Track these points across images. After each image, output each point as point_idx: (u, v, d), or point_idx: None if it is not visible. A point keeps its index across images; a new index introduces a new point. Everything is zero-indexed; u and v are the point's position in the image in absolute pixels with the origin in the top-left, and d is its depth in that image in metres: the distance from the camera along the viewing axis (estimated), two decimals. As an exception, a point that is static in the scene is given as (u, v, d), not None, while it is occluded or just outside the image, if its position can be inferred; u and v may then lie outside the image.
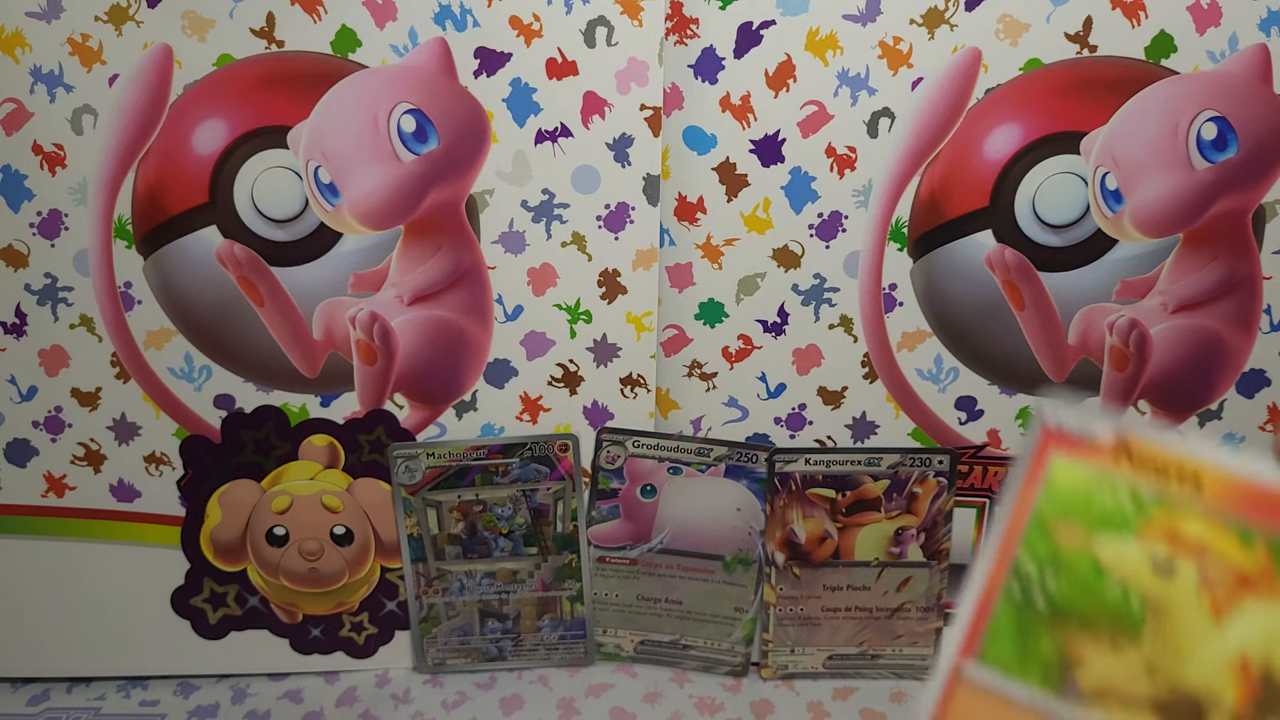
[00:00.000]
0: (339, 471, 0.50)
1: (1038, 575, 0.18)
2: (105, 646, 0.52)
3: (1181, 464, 0.17)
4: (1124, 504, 0.18)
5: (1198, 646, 0.17)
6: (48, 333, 0.48)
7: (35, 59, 0.44)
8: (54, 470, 0.49)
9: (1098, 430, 0.18)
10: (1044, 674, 0.17)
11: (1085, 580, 0.17)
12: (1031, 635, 0.17)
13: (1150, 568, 0.17)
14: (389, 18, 0.45)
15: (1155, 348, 0.49)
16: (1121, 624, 0.17)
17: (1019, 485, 0.18)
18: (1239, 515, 0.17)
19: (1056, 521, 0.18)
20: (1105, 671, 0.17)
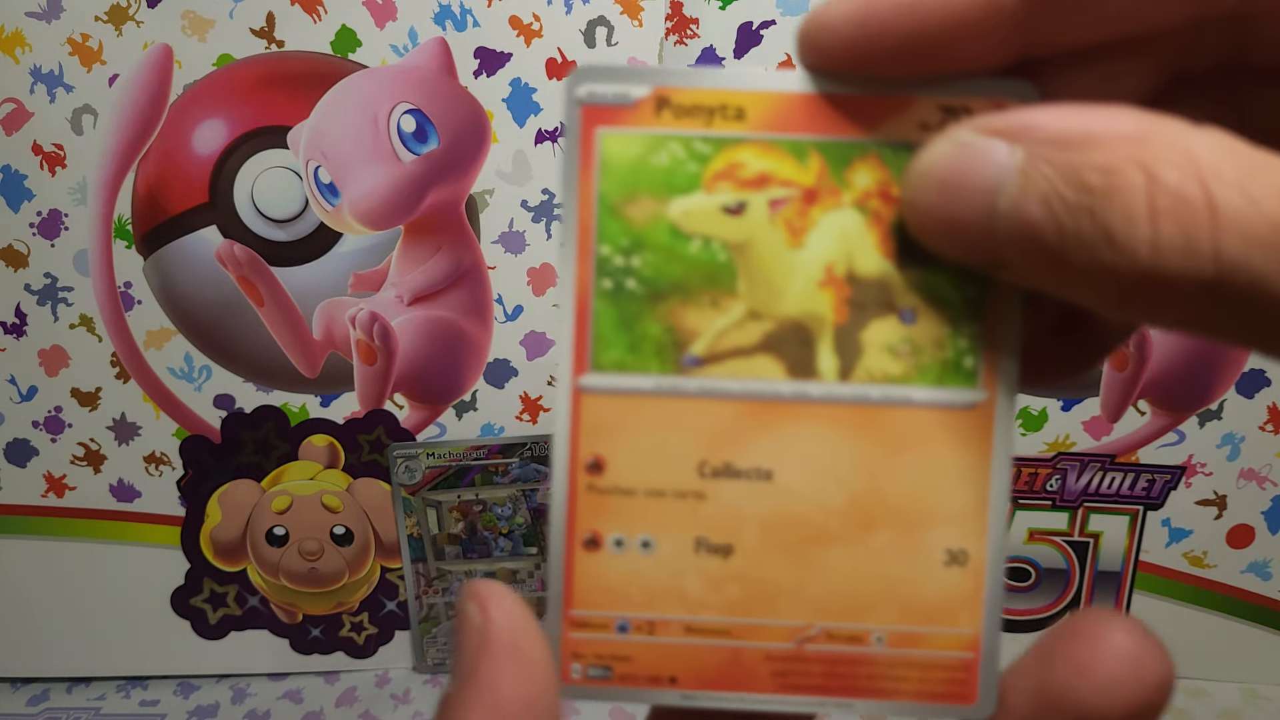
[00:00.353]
0: (339, 471, 0.50)
1: (623, 261, 0.17)
2: (105, 646, 0.51)
3: (722, 98, 0.17)
4: (680, 159, 0.17)
5: (787, 275, 0.17)
6: (48, 333, 0.48)
7: (35, 59, 0.44)
8: (54, 470, 0.49)
9: (632, 91, 0.17)
10: (659, 357, 0.18)
11: (668, 249, 0.17)
12: (636, 324, 0.17)
13: (722, 214, 0.17)
14: (389, 18, 0.45)
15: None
16: (714, 280, 0.18)
17: (575, 176, 0.17)
18: (787, 133, 0.17)
19: (623, 201, 0.17)
20: (713, 331, 0.17)
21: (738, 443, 0.18)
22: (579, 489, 0.18)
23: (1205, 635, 0.53)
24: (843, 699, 0.18)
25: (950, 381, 0.17)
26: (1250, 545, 0.52)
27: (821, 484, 0.18)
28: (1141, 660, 0.16)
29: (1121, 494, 0.51)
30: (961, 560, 0.18)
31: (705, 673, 0.18)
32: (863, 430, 0.17)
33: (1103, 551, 0.52)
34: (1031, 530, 0.52)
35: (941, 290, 0.17)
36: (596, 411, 0.18)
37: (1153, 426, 0.50)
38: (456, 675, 0.16)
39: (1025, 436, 0.50)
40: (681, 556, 0.18)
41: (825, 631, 0.18)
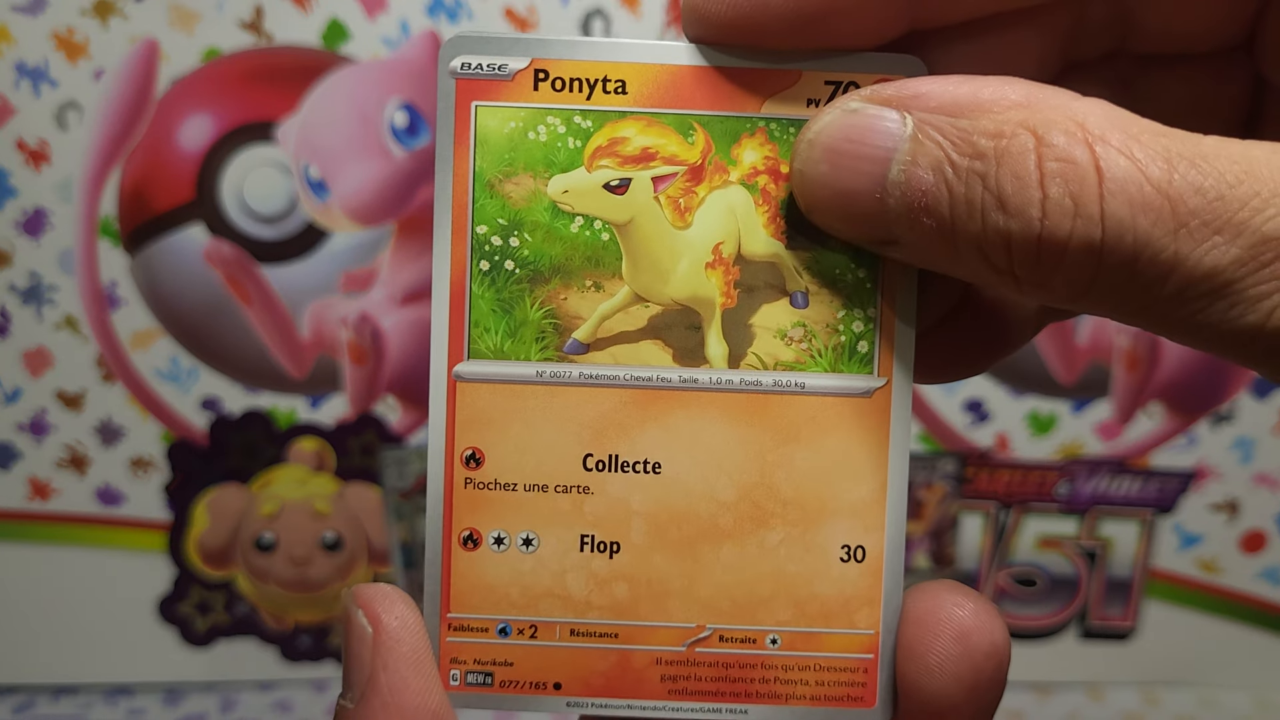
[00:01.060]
0: (329, 476, 0.49)
1: (500, 241, 0.17)
2: (91, 654, 0.51)
3: (604, 70, 0.16)
4: (560, 134, 0.16)
5: (673, 257, 0.17)
6: (32, 333, 0.47)
7: (19, 54, 0.44)
8: (38, 474, 0.49)
9: (509, 62, 0.16)
10: (539, 342, 0.17)
11: (548, 228, 0.17)
12: (515, 308, 0.17)
13: (604, 192, 0.17)
14: (379, 10, 0.44)
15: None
16: (597, 261, 0.17)
17: (449, 152, 0.16)
18: (672, 107, 0.17)
19: (499, 178, 0.17)
20: (596, 316, 0.17)
21: (624, 433, 0.17)
22: (456, 484, 0.17)
23: (1217, 642, 0.52)
24: (736, 705, 0.17)
25: (845, 368, 0.17)
26: (1263, 551, 0.51)
27: (711, 477, 0.17)
28: (968, 634, 0.16)
29: (1132, 499, 0.51)
30: (859, 556, 0.17)
31: (591, 679, 0.17)
32: (754, 419, 0.17)
33: (1113, 558, 0.51)
34: (1040, 536, 0.51)
35: (835, 272, 0.17)
36: (474, 401, 0.17)
37: (1164, 429, 0.50)
38: (351, 688, 0.16)
39: (1034, 440, 0.50)
40: (565, 555, 0.17)
41: (717, 633, 0.17)
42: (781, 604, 0.17)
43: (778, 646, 0.17)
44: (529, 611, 0.17)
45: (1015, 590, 0.52)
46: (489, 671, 0.17)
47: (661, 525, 0.17)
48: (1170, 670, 0.53)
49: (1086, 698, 0.52)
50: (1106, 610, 0.52)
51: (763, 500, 0.17)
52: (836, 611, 0.17)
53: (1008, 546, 0.51)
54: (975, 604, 0.16)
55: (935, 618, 0.16)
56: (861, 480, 0.17)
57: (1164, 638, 0.52)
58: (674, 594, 0.17)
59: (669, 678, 0.17)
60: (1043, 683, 0.53)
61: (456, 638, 0.17)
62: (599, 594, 0.17)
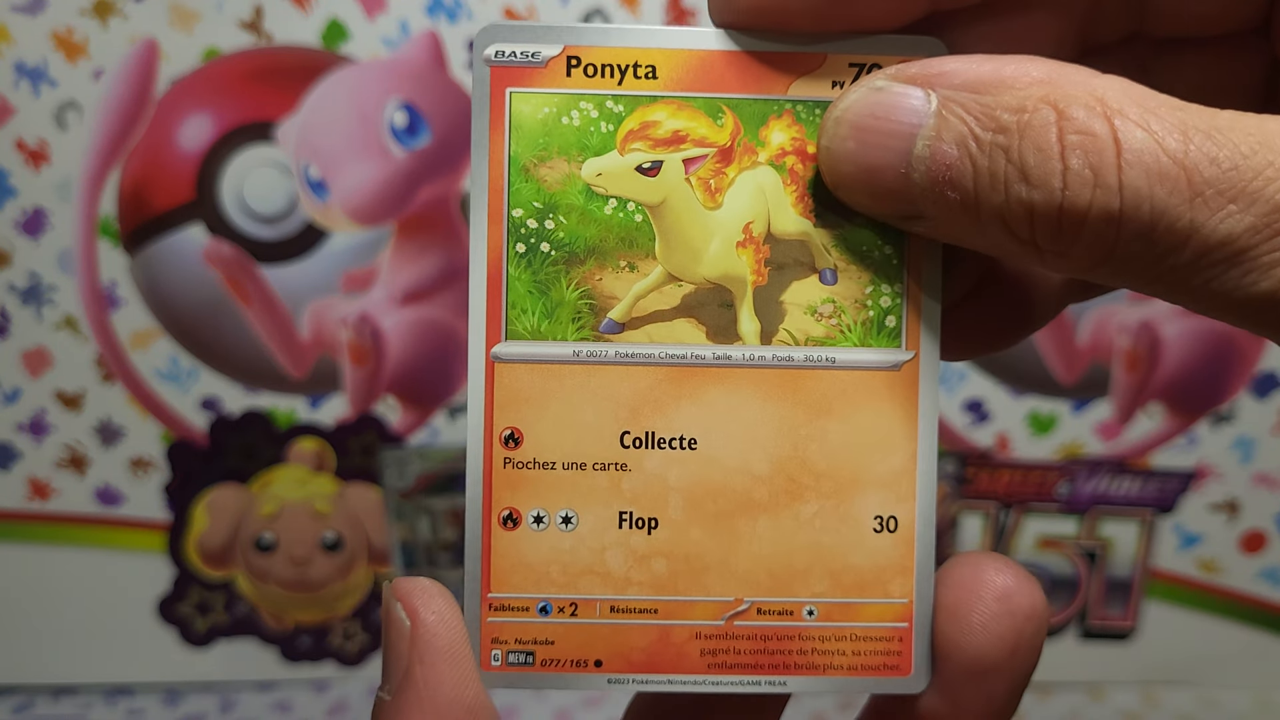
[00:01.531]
0: (329, 476, 0.49)
1: (536, 224, 0.17)
2: (91, 654, 0.51)
3: (634, 56, 0.17)
4: (593, 119, 0.17)
5: (704, 236, 0.17)
6: (31, 333, 0.47)
7: (18, 54, 0.44)
8: (37, 474, 0.48)
9: (542, 50, 0.17)
10: (575, 322, 0.17)
11: (582, 211, 0.17)
12: (551, 289, 0.17)
13: (637, 174, 0.17)
14: (379, 10, 0.44)
15: (1166, 349, 0.48)
16: (631, 242, 0.17)
17: (484, 138, 0.17)
18: (701, 90, 0.17)
19: (534, 162, 0.17)
20: (631, 295, 0.17)
21: (660, 411, 0.17)
22: (495, 464, 0.17)
23: (1217, 642, 0.52)
24: (775, 677, 0.17)
25: (874, 342, 0.17)
26: (1263, 551, 0.51)
27: (746, 451, 0.17)
28: (1009, 595, 0.16)
29: (1132, 499, 0.51)
30: (891, 527, 0.17)
31: (632, 655, 0.17)
32: (787, 394, 0.17)
33: (1113, 558, 0.51)
34: (1040, 537, 0.51)
35: (862, 249, 0.17)
36: (512, 382, 0.17)
37: (1164, 429, 0.50)
38: (389, 680, 0.16)
39: (1035, 440, 0.50)
40: (604, 532, 0.17)
41: (755, 606, 0.17)
42: (817, 576, 0.17)
43: (814, 618, 0.17)
44: (569, 590, 0.17)
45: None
46: (530, 650, 0.17)
47: (698, 500, 0.17)
48: (1170, 670, 0.53)
49: (1086, 698, 0.52)
50: (1106, 610, 0.52)
51: (797, 474, 0.17)
52: (871, 582, 0.17)
53: (1008, 547, 0.51)
54: (1016, 570, 0.17)
55: (978, 580, 0.16)
56: (892, 452, 0.17)
57: (1164, 638, 0.52)
58: (712, 568, 0.17)
59: (708, 652, 0.17)
60: (1043, 683, 0.53)
61: (498, 618, 0.17)
62: (638, 570, 0.17)
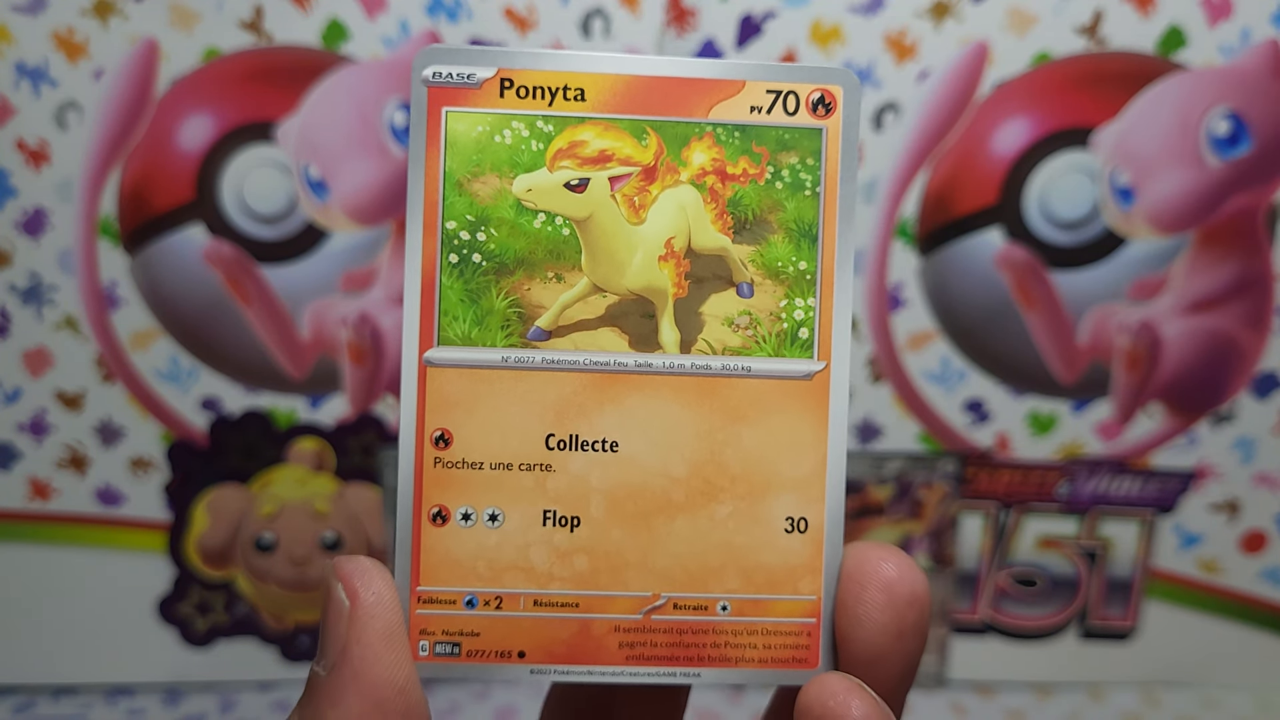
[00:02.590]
0: (329, 476, 0.49)
1: (469, 236, 0.18)
2: (91, 655, 0.51)
3: (564, 80, 0.18)
4: (524, 138, 0.18)
5: (628, 250, 0.18)
6: (32, 333, 0.47)
7: (19, 54, 0.43)
8: (38, 474, 0.48)
9: (477, 72, 0.18)
10: (504, 330, 0.18)
11: (512, 224, 0.18)
12: (482, 298, 0.18)
13: (565, 190, 0.18)
14: (379, 10, 0.44)
15: (1167, 349, 0.48)
16: (558, 255, 0.18)
17: (421, 154, 0.18)
18: (627, 113, 0.18)
19: (468, 178, 0.18)
20: (558, 305, 0.18)
21: (584, 414, 0.18)
22: (425, 463, 0.18)
23: (1218, 643, 0.52)
24: (690, 669, 0.18)
25: (787, 352, 0.18)
26: (1263, 551, 0.51)
27: (665, 454, 0.18)
28: (891, 585, 0.17)
29: (1132, 499, 0.50)
30: (802, 528, 0.18)
31: (554, 647, 0.18)
32: (704, 401, 0.18)
33: (1113, 558, 0.51)
34: (1040, 537, 0.51)
35: (777, 264, 0.18)
36: (443, 385, 0.18)
37: (1164, 429, 0.50)
38: (325, 657, 0.16)
39: (1035, 440, 0.49)
40: (529, 529, 0.18)
41: (671, 601, 0.18)
42: (731, 573, 0.18)
43: (728, 613, 0.18)
44: (494, 584, 0.18)
45: (1015, 590, 0.52)
46: (457, 641, 0.18)
47: (619, 500, 0.18)
48: (1170, 670, 0.53)
49: (1087, 698, 0.52)
50: (1107, 610, 0.52)
51: (713, 476, 0.18)
52: (781, 579, 0.18)
53: (1008, 547, 0.51)
54: (898, 559, 0.18)
55: (863, 572, 0.17)
56: (803, 457, 0.18)
57: (1164, 638, 0.52)
58: (631, 565, 0.18)
59: (627, 644, 0.18)
60: (1043, 683, 0.53)
61: (426, 610, 0.18)
62: (560, 566, 0.18)
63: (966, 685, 0.53)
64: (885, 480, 0.49)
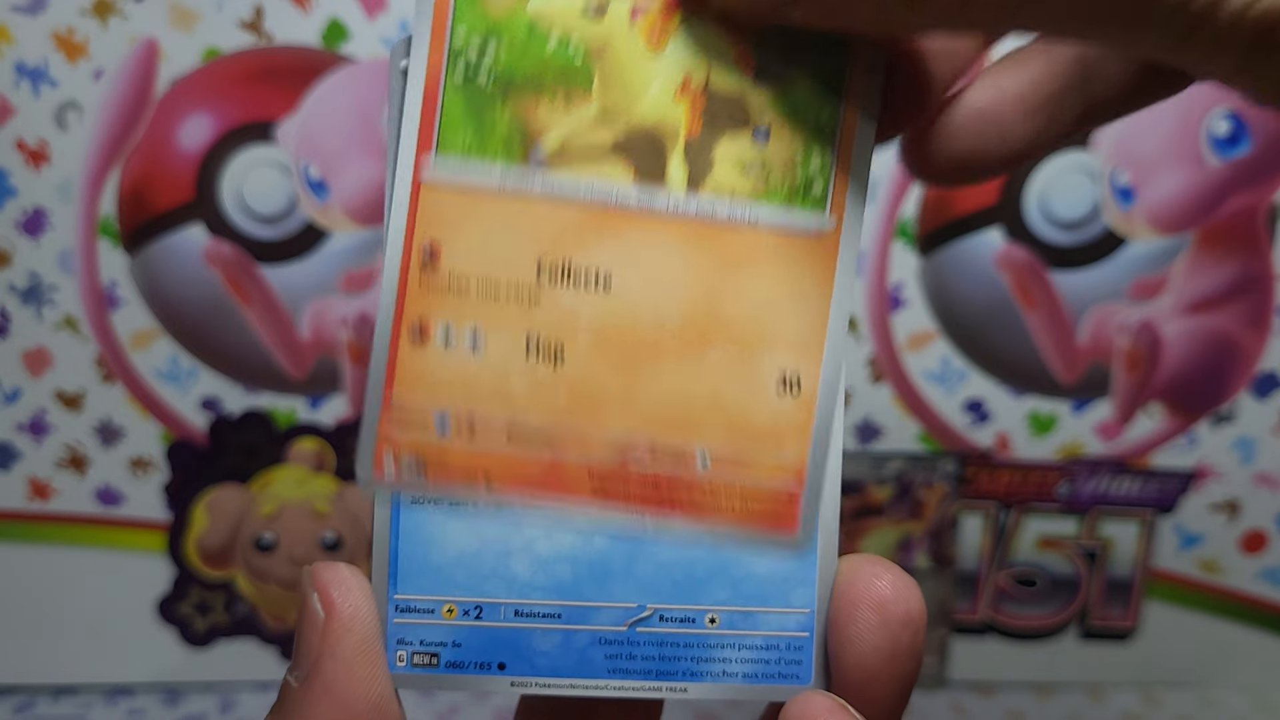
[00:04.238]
0: (329, 476, 0.49)
1: (478, 50, 0.17)
2: (91, 654, 0.51)
3: None
4: None
5: (644, 82, 0.17)
6: (32, 333, 0.47)
7: (19, 54, 0.43)
8: (38, 474, 0.48)
9: None
10: (506, 148, 0.17)
11: (524, 44, 0.17)
12: (485, 114, 0.17)
13: (582, 15, 0.17)
14: (379, 10, 0.44)
15: (1167, 349, 0.48)
16: (569, 79, 0.17)
17: None
18: None
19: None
20: (564, 130, 0.17)
21: (580, 245, 0.17)
22: (411, 275, 0.17)
23: (1218, 643, 0.52)
24: (662, 515, 0.17)
25: (799, 204, 0.17)
26: (1263, 551, 0.51)
27: (659, 296, 0.17)
28: (885, 604, 0.16)
29: (1132, 499, 0.50)
30: (794, 388, 0.17)
31: (523, 481, 0.17)
32: (706, 245, 0.17)
33: (1113, 558, 0.51)
34: (1040, 537, 0.51)
35: (798, 111, 0.17)
36: (437, 199, 0.17)
37: (1164, 429, 0.50)
38: (299, 668, 0.16)
39: (1035, 440, 0.49)
40: (510, 357, 0.17)
41: (650, 447, 0.17)
42: (714, 425, 0.17)
43: (706, 465, 0.18)
44: (469, 408, 0.17)
45: (1015, 590, 0.52)
46: (423, 460, 0.17)
47: (606, 338, 0.17)
48: (1171, 671, 0.53)
49: (1087, 698, 0.52)
50: (1107, 610, 0.52)
51: (706, 323, 0.17)
52: (767, 438, 0.17)
53: (1008, 547, 0.51)
54: (893, 576, 0.17)
55: (855, 590, 0.17)
56: (804, 315, 0.17)
57: (1164, 638, 0.52)
58: (612, 405, 0.17)
59: (599, 485, 0.17)
60: (1043, 683, 0.53)
61: (396, 427, 0.17)
62: (539, 397, 0.17)
63: (966, 685, 0.53)
64: (885, 480, 0.49)
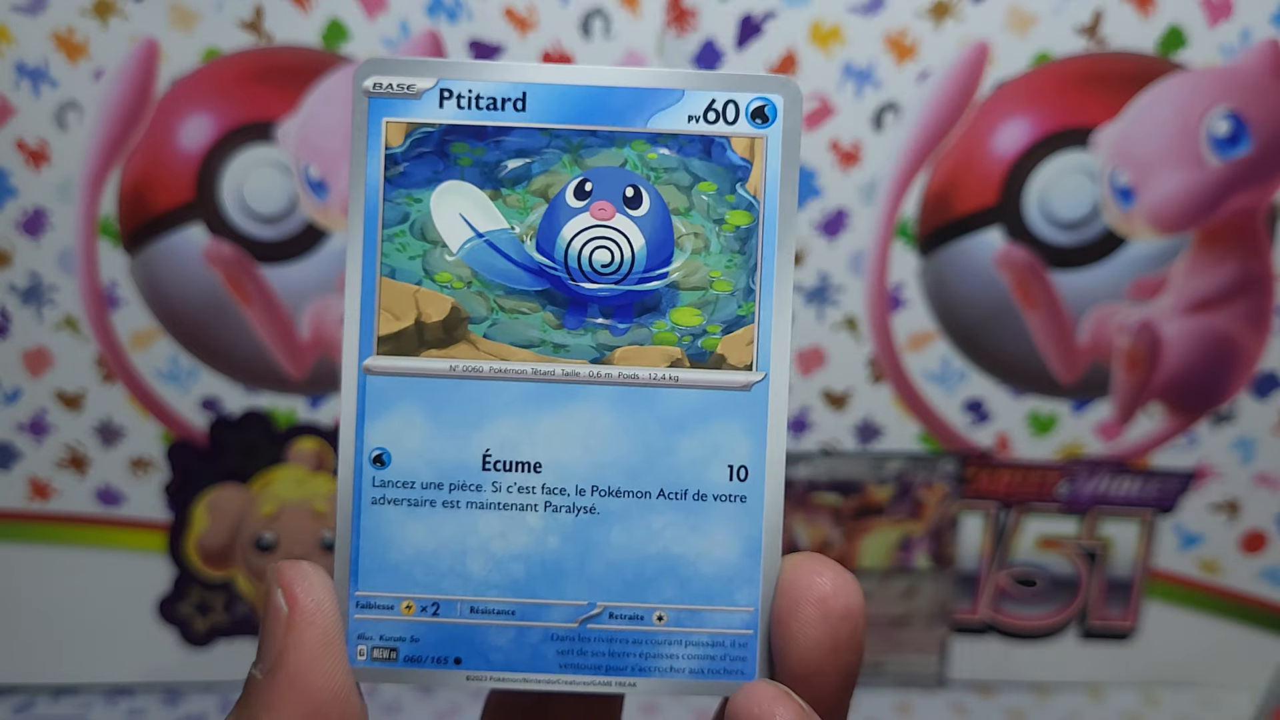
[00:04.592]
0: (329, 476, 0.49)
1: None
2: (91, 654, 0.51)
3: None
4: None
5: None
6: (32, 333, 0.47)
7: (19, 54, 0.43)
8: (38, 474, 0.48)
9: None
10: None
11: None
12: None
13: None
14: (379, 10, 0.44)
15: (1167, 349, 0.48)
16: None
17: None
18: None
19: None
20: None
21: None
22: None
23: (1218, 643, 0.52)
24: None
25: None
26: (1263, 551, 0.51)
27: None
28: (825, 600, 0.17)
29: (1132, 499, 0.50)
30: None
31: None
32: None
33: (1113, 558, 0.51)
34: (1040, 537, 0.51)
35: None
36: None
37: (1164, 429, 0.50)
38: (263, 660, 0.17)
39: (1035, 440, 0.49)
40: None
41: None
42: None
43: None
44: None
45: (1015, 590, 0.52)
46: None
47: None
48: (1170, 670, 0.53)
49: (1086, 698, 0.52)
50: (1107, 610, 0.52)
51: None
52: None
53: (1008, 547, 0.51)
54: (833, 573, 0.17)
55: (798, 587, 0.17)
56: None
57: (1164, 638, 0.52)
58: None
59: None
60: (1043, 683, 0.53)
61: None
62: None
63: (966, 685, 0.53)
64: (885, 480, 0.49)
